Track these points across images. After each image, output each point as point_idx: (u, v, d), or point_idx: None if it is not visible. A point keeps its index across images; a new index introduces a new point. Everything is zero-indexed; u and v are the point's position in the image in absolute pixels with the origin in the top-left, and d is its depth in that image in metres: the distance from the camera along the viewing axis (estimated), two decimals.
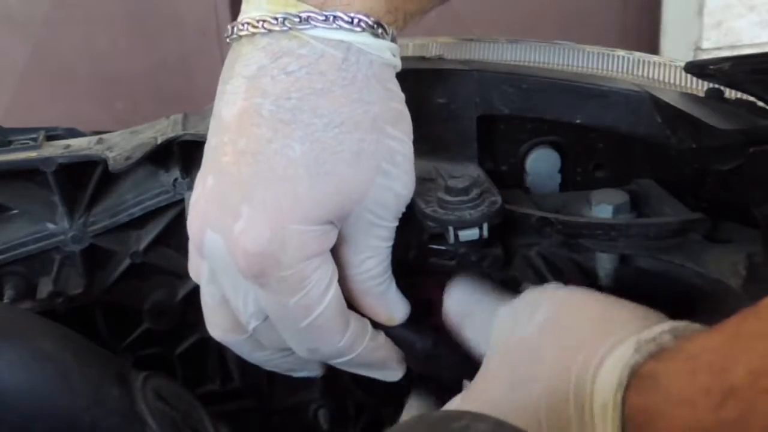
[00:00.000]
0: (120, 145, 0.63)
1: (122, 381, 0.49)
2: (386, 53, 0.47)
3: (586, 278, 0.50)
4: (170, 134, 0.61)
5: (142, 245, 0.63)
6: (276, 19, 0.45)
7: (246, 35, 0.46)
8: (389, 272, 0.51)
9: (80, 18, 1.80)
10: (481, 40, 0.67)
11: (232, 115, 0.45)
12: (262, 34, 0.45)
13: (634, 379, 0.38)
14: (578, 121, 0.55)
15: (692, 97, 0.55)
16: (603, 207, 0.50)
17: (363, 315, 0.51)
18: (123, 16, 1.82)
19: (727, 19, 1.99)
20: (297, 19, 0.45)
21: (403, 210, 0.49)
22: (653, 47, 2.07)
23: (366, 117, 0.45)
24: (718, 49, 2.00)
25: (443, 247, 0.52)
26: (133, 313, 0.65)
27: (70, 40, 1.81)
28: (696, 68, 0.54)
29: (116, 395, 0.48)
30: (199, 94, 1.91)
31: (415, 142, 0.49)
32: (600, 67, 0.63)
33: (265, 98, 0.44)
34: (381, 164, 0.46)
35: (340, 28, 0.45)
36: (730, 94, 0.54)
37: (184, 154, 0.61)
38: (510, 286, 0.52)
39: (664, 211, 0.50)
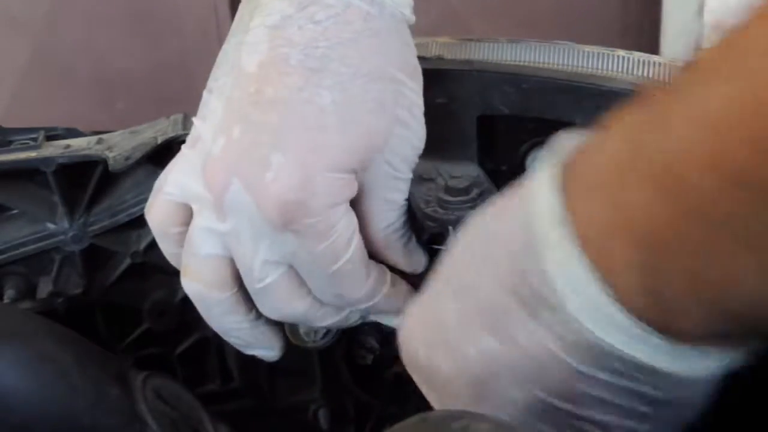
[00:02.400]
0: (120, 145, 0.63)
1: (122, 381, 0.49)
2: (406, 9, 0.48)
3: None
4: (170, 134, 0.61)
5: (142, 245, 0.63)
6: None
7: None
8: (407, 226, 0.52)
9: (80, 18, 1.79)
10: (481, 40, 0.67)
11: (256, 64, 0.45)
12: None
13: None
14: (578, 121, 0.55)
15: None
16: None
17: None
18: (123, 16, 1.81)
19: (727, 19, 1.99)
20: None
21: (416, 161, 0.50)
22: (653, 47, 2.07)
23: (388, 69, 0.46)
24: None
25: (443, 247, 0.52)
26: (133, 313, 0.65)
27: (70, 40, 1.81)
28: None
29: (116, 395, 0.48)
30: (199, 94, 1.91)
31: None
32: (600, 67, 0.63)
33: (292, 47, 0.45)
34: (400, 114, 0.47)
35: None
36: None
37: None
38: None
39: None
